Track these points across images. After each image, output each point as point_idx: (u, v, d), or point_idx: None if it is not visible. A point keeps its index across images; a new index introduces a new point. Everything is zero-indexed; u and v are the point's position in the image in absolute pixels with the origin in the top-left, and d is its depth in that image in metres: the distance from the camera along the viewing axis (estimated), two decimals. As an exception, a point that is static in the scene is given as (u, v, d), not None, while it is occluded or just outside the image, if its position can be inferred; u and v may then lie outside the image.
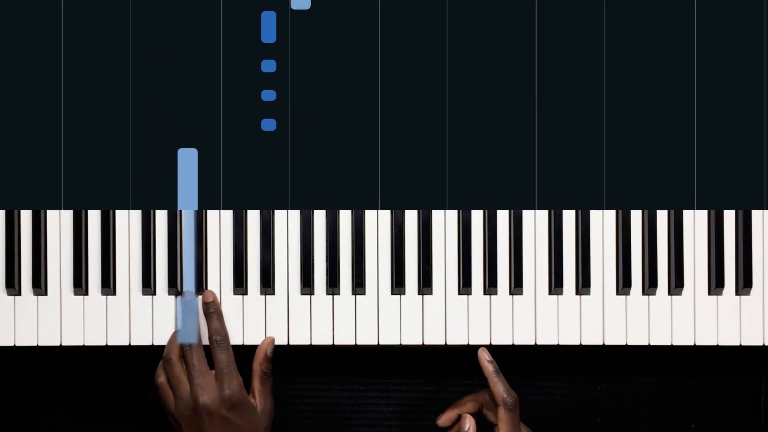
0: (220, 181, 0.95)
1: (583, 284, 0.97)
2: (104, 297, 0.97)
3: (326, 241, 0.97)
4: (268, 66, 0.94)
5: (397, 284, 0.97)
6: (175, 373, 0.93)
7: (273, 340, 0.96)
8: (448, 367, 1.04)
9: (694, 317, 0.97)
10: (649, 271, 0.97)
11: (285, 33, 0.94)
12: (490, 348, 0.97)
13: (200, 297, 0.96)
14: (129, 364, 1.03)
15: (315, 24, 0.94)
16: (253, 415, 0.93)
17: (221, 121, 0.95)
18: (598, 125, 0.95)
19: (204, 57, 0.94)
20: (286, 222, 0.98)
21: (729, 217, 0.98)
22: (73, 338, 0.96)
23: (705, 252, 0.98)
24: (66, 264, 0.97)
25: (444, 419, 0.96)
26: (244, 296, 0.97)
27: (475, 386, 1.04)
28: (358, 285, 0.97)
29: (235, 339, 0.96)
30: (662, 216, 0.98)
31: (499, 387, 0.91)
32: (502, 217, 0.98)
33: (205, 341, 0.94)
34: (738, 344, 0.97)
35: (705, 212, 0.98)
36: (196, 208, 0.95)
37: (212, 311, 0.94)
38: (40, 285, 0.96)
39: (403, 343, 0.97)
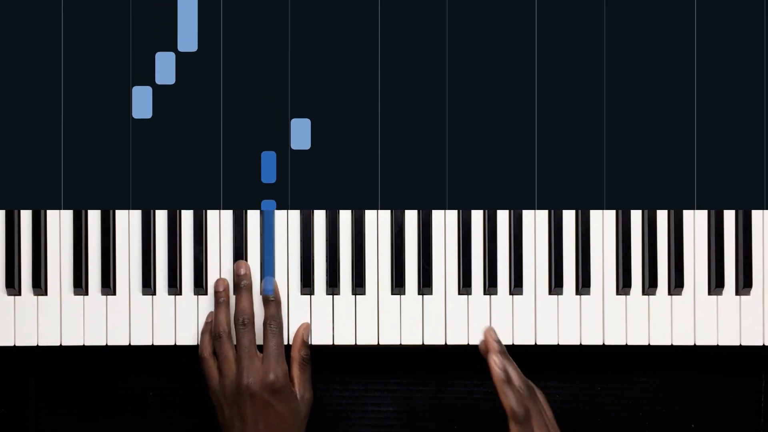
0: (220, 181, 0.95)
1: (583, 284, 0.97)
2: (104, 297, 0.97)
3: (326, 241, 0.97)
4: (268, 206, 0.95)
5: (397, 284, 0.97)
6: (224, 351, 0.93)
7: (309, 325, 0.96)
8: (448, 367, 1.04)
9: (694, 317, 0.97)
10: (649, 271, 0.97)
11: (285, 173, 0.94)
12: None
13: (203, 298, 0.96)
14: (129, 364, 1.03)
15: (315, 164, 0.94)
16: (294, 403, 0.93)
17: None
18: (598, 125, 0.95)
19: (204, 198, 0.94)
20: (286, 222, 0.98)
21: (729, 217, 0.98)
22: (73, 338, 0.96)
23: (705, 252, 0.98)
24: (66, 264, 0.97)
25: (487, 344, 0.86)
26: (244, 296, 0.97)
27: (475, 386, 1.04)
28: (358, 285, 0.97)
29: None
30: (662, 216, 0.98)
31: (507, 399, 0.82)
32: (502, 217, 0.98)
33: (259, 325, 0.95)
34: (738, 344, 0.97)
35: (705, 212, 0.98)
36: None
37: (271, 299, 0.95)
38: (40, 285, 0.96)
39: (403, 343, 0.97)
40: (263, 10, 0.94)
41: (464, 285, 0.97)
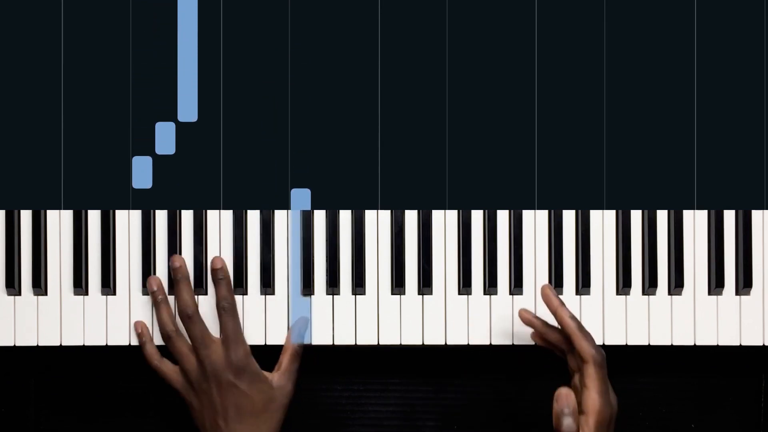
0: (220, 181, 0.95)
1: (583, 284, 0.97)
2: (104, 297, 0.97)
3: (326, 241, 0.97)
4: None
5: (397, 284, 0.97)
6: (178, 348, 0.93)
7: (308, 318, 0.96)
8: (448, 367, 1.04)
9: (694, 317, 0.97)
10: (649, 271, 0.97)
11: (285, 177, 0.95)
12: (490, 348, 0.97)
13: (201, 298, 0.96)
14: (129, 364, 1.03)
15: (315, 159, 0.96)
16: (264, 386, 0.93)
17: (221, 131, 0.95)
18: (598, 125, 0.95)
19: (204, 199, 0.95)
20: (287, 222, 0.98)
21: (729, 217, 0.98)
22: (73, 338, 0.96)
23: (705, 252, 0.98)
24: (66, 264, 0.97)
25: (528, 317, 0.92)
26: (244, 296, 0.97)
27: (475, 386, 1.04)
28: (358, 285, 0.97)
29: (235, 339, 0.96)
30: (662, 216, 0.98)
31: (585, 343, 0.86)
32: (502, 217, 0.98)
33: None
34: (738, 344, 0.97)
35: (705, 212, 0.98)
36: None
37: (221, 278, 0.95)
38: (40, 285, 0.96)
39: (403, 343, 0.97)
40: (263, 79, 0.94)
41: (464, 285, 0.97)
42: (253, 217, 0.97)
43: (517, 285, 0.97)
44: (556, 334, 0.91)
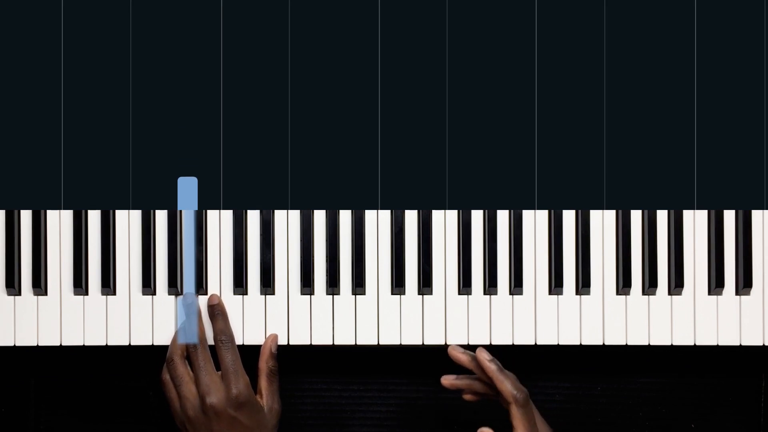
0: (220, 181, 0.95)
1: (583, 284, 0.97)
2: (104, 297, 0.97)
3: (326, 241, 0.97)
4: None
5: (397, 284, 0.97)
6: (179, 374, 0.93)
7: (277, 336, 0.96)
8: (448, 367, 1.04)
9: (694, 317, 0.97)
10: (649, 271, 0.97)
11: (285, 173, 0.95)
12: (490, 348, 0.97)
13: (201, 297, 0.96)
14: (129, 364, 1.03)
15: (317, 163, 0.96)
16: (260, 414, 0.93)
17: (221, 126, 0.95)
18: (598, 125, 0.95)
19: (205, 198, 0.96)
20: (286, 222, 0.98)
21: (729, 217, 0.98)
22: (73, 338, 0.96)
23: (705, 252, 0.98)
24: (66, 264, 0.97)
25: (449, 382, 0.94)
26: (244, 296, 0.97)
27: (475, 386, 1.04)
28: (358, 285, 0.97)
29: (236, 339, 0.96)
30: (662, 216, 0.98)
31: (506, 385, 0.88)
32: (502, 217, 0.98)
33: (210, 342, 0.95)
34: (738, 344, 0.97)
35: (705, 212, 0.98)
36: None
37: (217, 313, 0.95)
38: (40, 285, 0.96)
39: (403, 343, 0.97)
40: (263, 79, 0.95)
41: (464, 285, 0.97)
42: (253, 217, 0.97)
43: (517, 285, 0.97)
44: (479, 384, 0.92)
